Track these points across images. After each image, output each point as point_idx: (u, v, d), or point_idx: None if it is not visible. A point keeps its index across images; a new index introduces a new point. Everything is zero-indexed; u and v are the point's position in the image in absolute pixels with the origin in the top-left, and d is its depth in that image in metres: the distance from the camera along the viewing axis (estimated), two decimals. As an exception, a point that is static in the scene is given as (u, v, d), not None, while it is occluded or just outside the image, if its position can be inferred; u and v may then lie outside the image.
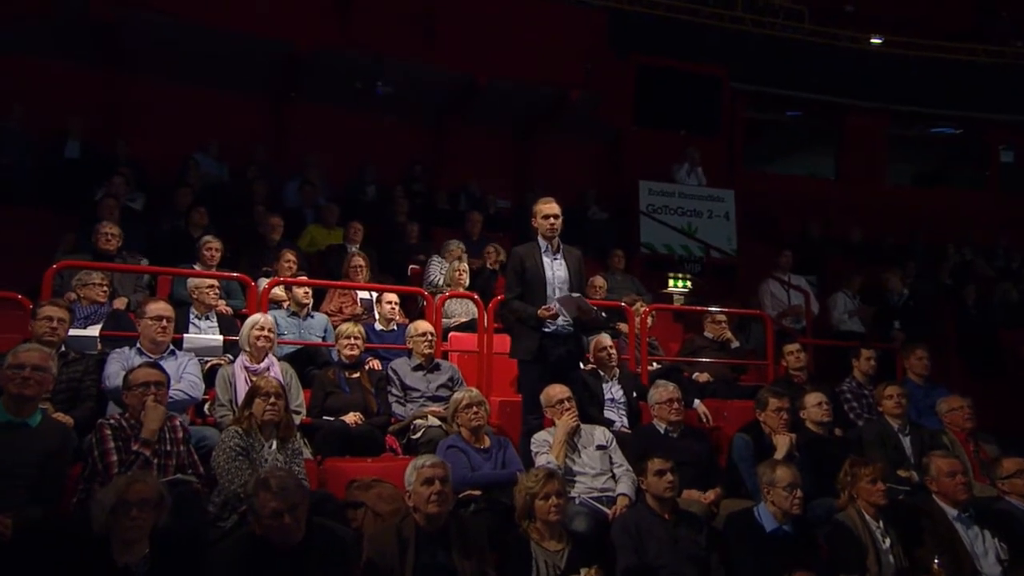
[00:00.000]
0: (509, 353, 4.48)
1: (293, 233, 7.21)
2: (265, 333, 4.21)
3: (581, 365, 5.17)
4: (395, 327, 5.52)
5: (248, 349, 4.19)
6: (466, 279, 6.42)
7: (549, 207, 4.33)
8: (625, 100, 10.61)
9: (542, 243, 4.41)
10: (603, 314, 6.68)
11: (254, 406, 3.49)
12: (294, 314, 5.29)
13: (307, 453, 4.01)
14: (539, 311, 4.16)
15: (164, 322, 3.96)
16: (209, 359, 4.47)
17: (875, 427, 4.76)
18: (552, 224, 4.32)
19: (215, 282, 5.04)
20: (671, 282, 9.05)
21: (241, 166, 8.60)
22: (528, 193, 9.77)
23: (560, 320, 4.28)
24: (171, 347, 4.05)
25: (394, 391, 4.66)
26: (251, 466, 3.31)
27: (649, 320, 5.96)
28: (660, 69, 10.66)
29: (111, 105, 8.54)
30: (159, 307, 4.00)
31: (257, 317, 4.32)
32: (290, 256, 5.94)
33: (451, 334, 5.83)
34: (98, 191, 6.86)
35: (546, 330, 4.26)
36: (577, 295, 4.22)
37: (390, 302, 5.54)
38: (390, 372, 4.73)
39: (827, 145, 12.68)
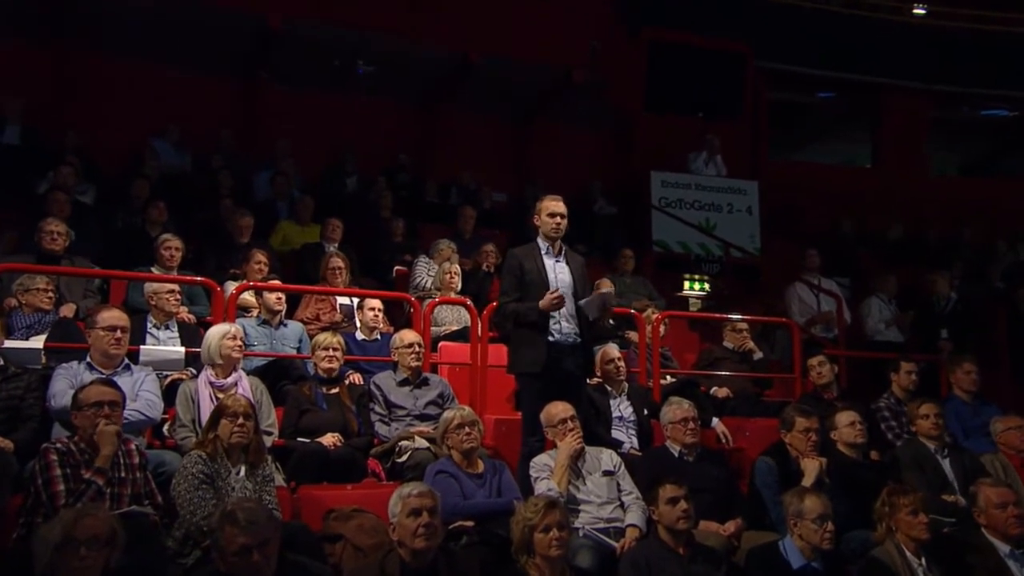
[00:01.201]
0: (508, 367, 4.48)
1: (264, 230, 7.20)
2: (234, 344, 4.21)
3: (588, 380, 5.20)
4: (379, 337, 5.52)
5: (213, 362, 4.19)
6: (458, 282, 6.43)
7: (556, 205, 4.35)
8: (636, 81, 10.65)
9: (543, 244, 4.42)
10: (611, 321, 6.73)
11: (220, 427, 3.49)
12: (265, 322, 5.29)
13: (279, 479, 3.99)
14: (544, 299, 4.14)
15: (118, 333, 3.94)
16: (169, 374, 4.46)
17: (910, 448, 4.78)
18: (558, 224, 4.34)
19: (176, 286, 5.03)
20: (687, 285, 9.08)
21: (205, 154, 8.60)
22: (527, 185, 9.83)
23: (565, 326, 4.28)
24: (126, 361, 4.04)
25: (377, 409, 4.65)
26: (216, 495, 3.31)
27: (662, 328, 5.96)
28: (675, 46, 10.69)
29: (57, 84, 8.50)
30: (112, 316, 3.98)
31: (224, 326, 4.32)
32: (260, 257, 5.93)
33: (441, 344, 5.84)
34: (42, 183, 6.84)
35: (551, 339, 4.26)
36: (607, 291, 4.21)
37: (373, 309, 5.54)
38: (373, 388, 4.73)
39: (863, 130, 12.72)
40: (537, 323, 4.25)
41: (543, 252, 4.41)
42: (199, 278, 5.21)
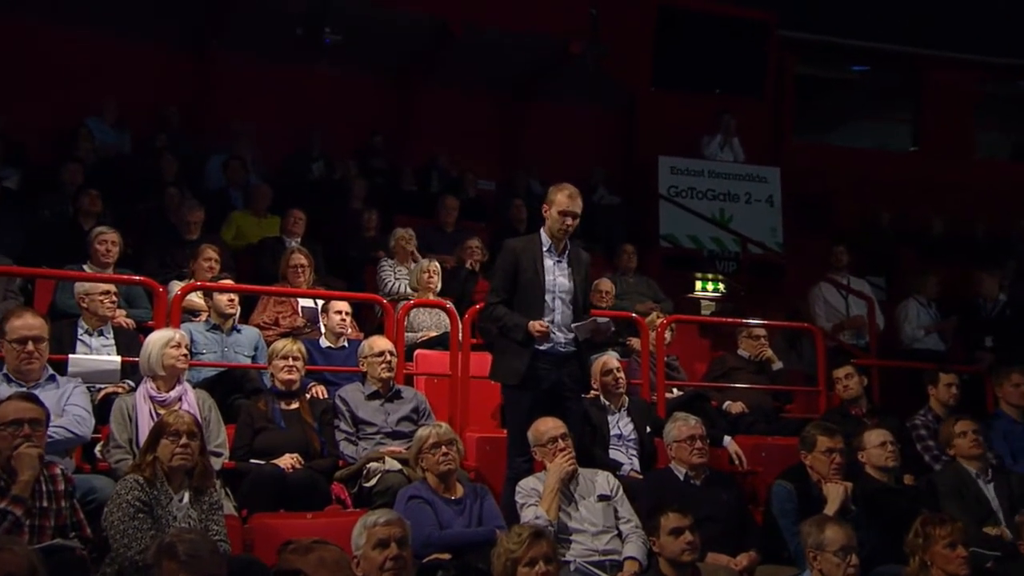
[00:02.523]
0: (489, 374, 4.50)
1: (215, 223, 7.19)
2: (179, 352, 4.22)
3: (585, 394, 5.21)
4: (346, 344, 5.54)
5: (154, 373, 4.20)
6: (437, 282, 6.45)
7: (572, 203, 4.34)
8: (642, 53, 10.67)
9: (545, 239, 4.44)
10: (611, 327, 6.75)
11: (160, 448, 3.50)
12: (215, 327, 5.30)
13: (229, 507, 4.00)
14: (530, 325, 4.17)
15: (29, 346, 3.83)
16: (102, 386, 4.46)
17: (950, 473, 4.81)
18: (568, 225, 4.37)
19: (111, 287, 5.01)
20: (698, 286, 9.10)
21: (148, 135, 8.57)
22: (518, 172, 9.85)
23: (559, 335, 4.31)
24: (50, 371, 4.02)
25: (343, 426, 4.67)
26: (155, 525, 3.32)
27: (668, 334, 5.98)
28: (687, 13, 10.72)
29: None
30: (22, 325, 3.86)
31: (166, 332, 4.31)
32: (211, 253, 5.92)
33: (417, 353, 5.86)
34: (-46, 168, 6.86)
35: (539, 348, 4.29)
36: (605, 320, 4.26)
37: (340, 312, 5.56)
38: (338, 402, 4.74)
39: (902, 109, 12.73)
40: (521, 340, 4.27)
41: (544, 248, 4.42)
42: (138, 277, 5.20)
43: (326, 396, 4.93)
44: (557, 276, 4.40)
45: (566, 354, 4.37)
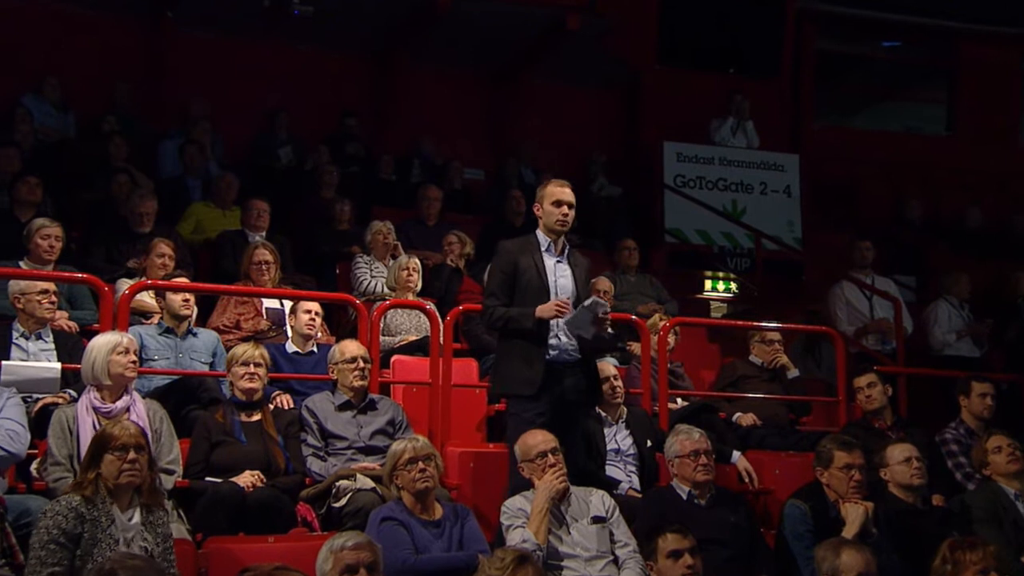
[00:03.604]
0: (493, 386, 4.55)
1: (171, 215, 7.18)
2: (126, 359, 4.22)
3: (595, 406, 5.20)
4: (315, 349, 5.53)
5: (99, 382, 4.18)
6: (417, 281, 6.45)
7: (563, 191, 4.44)
8: (646, 28, 10.67)
9: (543, 239, 4.48)
10: (609, 330, 6.76)
11: (104, 464, 3.48)
12: (169, 331, 5.28)
13: (182, 530, 3.98)
14: (546, 305, 4.19)
15: None
16: (40, 396, 4.44)
17: (985, 493, 4.83)
18: (564, 215, 4.42)
19: (51, 285, 4.97)
20: (708, 285, 9.12)
21: (94, 116, 8.54)
22: (509, 160, 9.84)
23: (563, 340, 4.34)
24: (-22, 381, 4.03)
25: (310, 440, 4.66)
26: (89, 551, 3.29)
27: (671, 338, 5.99)
28: (696, -17, 10.76)
29: None
30: None
31: (112, 336, 4.29)
32: (164, 248, 5.90)
33: (395, 359, 5.86)
34: None
35: (548, 355, 4.33)
36: (589, 301, 4.29)
37: (309, 312, 5.54)
38: (305, 413, 4.73)
39: (935, 89, 12.72)
40: (532, 334, 4.30)
41: (543, 248, 4.46)
42: (82, 275, 5.17)
43: (292, 406, 4.91)
44: (559, 277, 4.45)
45: (572, 360, 4.40)
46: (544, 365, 4.31)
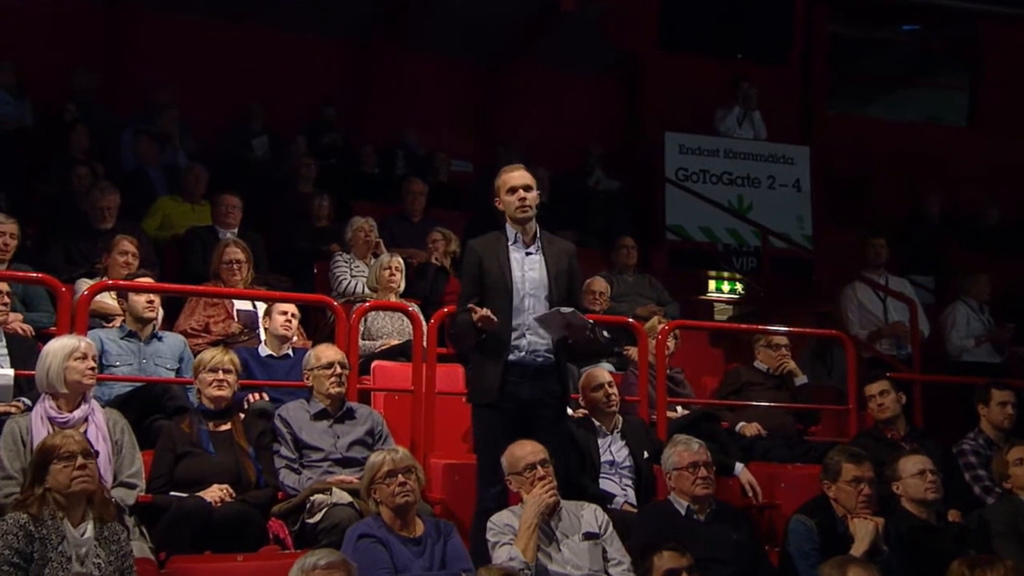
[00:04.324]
0: (467, 396, 4.54)
1: (136, 209, 7.19)
2: (84, 365, 4.21)
3: (569, 411, 5.21)
4: (290, 352, 5.53)
5: (54, 390, 4.17)
6: (400, 281, 6.46)
7: (517, 175, 4.41)
8: (646, 10, 10.67)
9: (510, 231, 4.47)
10: (605, 333, 6.77)
11: (52, 475, 3.48)
12: (131, 335, 5.27)
13: (144, 548, 3.97)
14: (471, 313, 4.21)
15: None
16: (-9, 405, 4.44)
17: (1005, 508, 4.84)
18: (523, 200, 4.39)
19: (4, 285, 4.98)
20: (712, 286, 9.13)
21: (53, 103, 8.51)
22: (499, 150, 9.82)
23: (532, 341, 4.33)
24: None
25: (283, 451, 4.66)
26: (42, 568, 3.29)
27: (671, 342, 6.00)
28: (700, -37, 10.78)
29: None
30: None
31: (70, 340, 4.27)
32: (127, 246, 5.89)
33: (375, 364, 5.87)
34: None
35: (511, 358, 4.31)
36: (569, 309, 4.26)
37: (285, 313, 5.55)
38: (278, 423, 4.73)
39: (957, 75, 12.74)
40: (492, 337, 4.29)
41: (510, 242, 4.45)
42: (36, 274, 5.16)
43: (267, 400, 4.94)
44: (527, 270, 4.41)
45: (543, 365, 4.38)
46: (504, 370, 4.29)
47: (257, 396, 4.97)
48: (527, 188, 4.39)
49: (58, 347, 4.21)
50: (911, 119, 12.60)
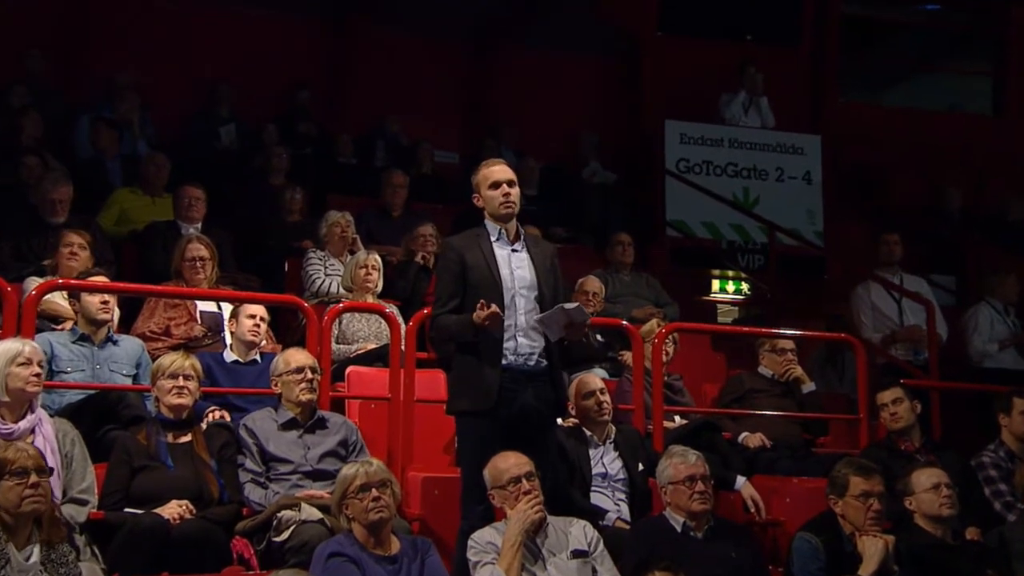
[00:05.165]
0: (448, 406, 4.54)
1: (91, 202, 7.18)
2: (29, 372, 4.20)
3: (559, 420, 5.22)
4: (258, 358, 5.53)
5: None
6: (377, 280, 6.46)
7: (499, 170, 4.45)
8: (646, -11, 10.72)
9: (492, 227, 4.49)
10: (598, 336, 6.79)
11: (1, 492, 3.48)
12: (84, 338, 5.24)
13: (95, 569, 3.95)
14: (476, 314, 4.21)
15: None
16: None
17: (1024, 526, 4.87)
18: (506, 196, 4.41)
19: (-58, 286, 4.98)
20: (716, 286, 9.15)
21: (2, 88, 8.48)
22: (486, 140, 9.86)
23: (523, 344, 4.34)
24: None
25: (249, 464, 4.64)
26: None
27: (669, 347, 6.00)
28: (702, -63, 10.79)
29: None
30: None
31: (13, 344, 4.25)
32: (74, 239, 5.87)
33: (350, 370, 5.86)
34: None
35: (503, 362, 4.32)
36: (573, 305, 4.30)
37: (254, 316, 5.54)
38: (243, 433, 4.72)
39: (981, 60, 12.76)
40: (479, 343, 4.30)
41: (493, 239, 4.47)
42: (-21, 274, 5.16)
43: (228, 420, 4.91)
44: (515, 268, 4.42)
45: (535, 369, 4.38)
46: (499, 376, 4.29)
47: (216, 415, 4.93)
48: (511, 183, 4.43)
49: (1, 352, 4.20)
50: (931, 107, 12.63)
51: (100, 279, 5.48)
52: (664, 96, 10.44)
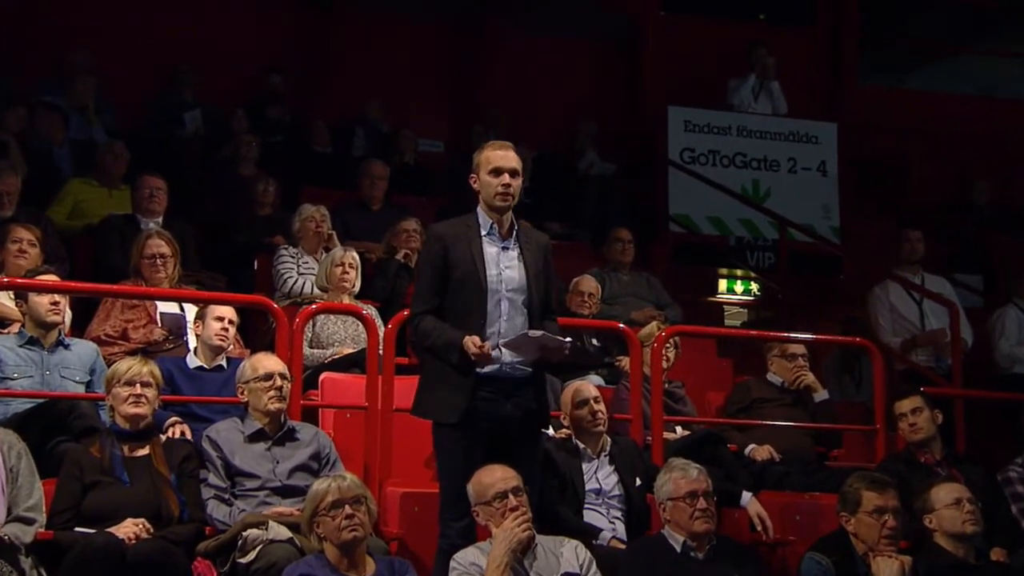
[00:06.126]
0: (414, 407, 4.53)
1: (42, 194, 7.18)
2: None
3: (551, 431, 5.21)
4: (224, 363, 5.53)
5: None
6: (354, 279, 6.47)
7: (505, 155, 4.39)
8: (648, -35, 10.74)
9: (484, 219, 4.46)
10: (594, 341, 6.79)
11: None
12: (32, 342, 5.23)
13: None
14: (466, 343, 4.20)
15: None
16: None
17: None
18: (507, 186, 4.38)
19: None
20: (723, 286, 9.16)
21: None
22: (474, 128, 9.85)
23: (506, 356, 4.33)
24: None
25: (212, 479, 4.65)
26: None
27: (671, 352, 6.02)
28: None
29: None
30: None
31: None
32: (21, 234, 5.87)
33: (324, 376, 5.86)
34: None
35: (483, 371, 4.31)
36: (538, 333, 4.25)
37: (222, 319, 5.54)
38: (206, 445, 4.72)
39: (1013, 39, 12.75)
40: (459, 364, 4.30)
41: (483, 232, 4.44)
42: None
43: (190, 436, 4.90)
44: (504, 268, 4.39)
45: (518, 378, 4.37)
46: (476, 383, 4.28)
47: (178, 430, 4.91)
48: (513, 173, 4.38)
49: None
50: (958, 91, 12.63)
51: (51, 278, 5.44)
52: (667, 80, 10.45)
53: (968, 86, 12.85)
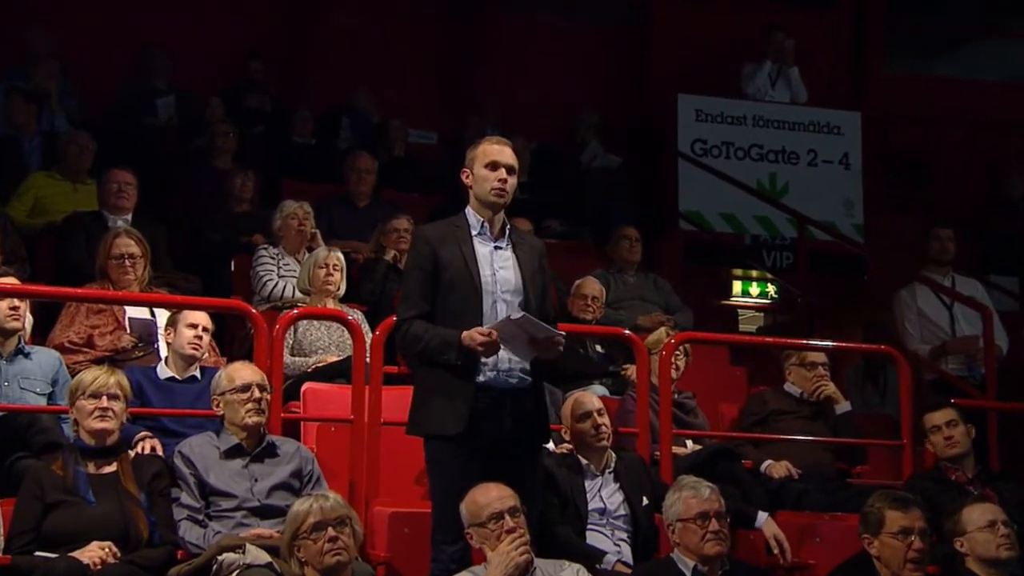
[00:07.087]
0: (409, 425, 4.53)
1: (3, 189, 7.23)
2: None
3: (551, 446, 5.21)
4: (198, 374, 5.53)
5: None
6: (339, 282, 6.48)
7: (501, 150, 4.43)
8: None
9: (474, 219, 4.49)
10: (598, 347, 6.78)
11: None
12: (-11, 350, 5.27)
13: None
14: (465, 335, 4.21)
15: None
16: None
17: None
18: (502, 183, 4.41)
19: None
20: (738, 288, 9.16)
21: None
22: (469, 118, 9.88)
23: (504, 359, 4.34)
24: None
25: (185, 499, 4.64)
26: None
27: (681, 360, 6.02)
28: None
29: None
30: None
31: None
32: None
33: (307, 387, 5.86)
34: None
35: (480, 380, 4.32)
36: (519, 314, 4.25)
37: (196, 326, 5.54)
38: (178, 462, 4.72)
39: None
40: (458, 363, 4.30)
41: (474, 232, 4.47)
42: None
43: (161, 453, 4.89)
44: (498, 268, 4.42)
45: (517, 388, 4.38)
46: (475, 394, 4.30)
47: (148, 446, 4.90)
48: (510, 170, 4.42)
49: None
50: (991, 78, 12.64)
51: (9, 280, 5.46)
52: (677, 67, 10.47)
53: (1002, 72, 12.85)
